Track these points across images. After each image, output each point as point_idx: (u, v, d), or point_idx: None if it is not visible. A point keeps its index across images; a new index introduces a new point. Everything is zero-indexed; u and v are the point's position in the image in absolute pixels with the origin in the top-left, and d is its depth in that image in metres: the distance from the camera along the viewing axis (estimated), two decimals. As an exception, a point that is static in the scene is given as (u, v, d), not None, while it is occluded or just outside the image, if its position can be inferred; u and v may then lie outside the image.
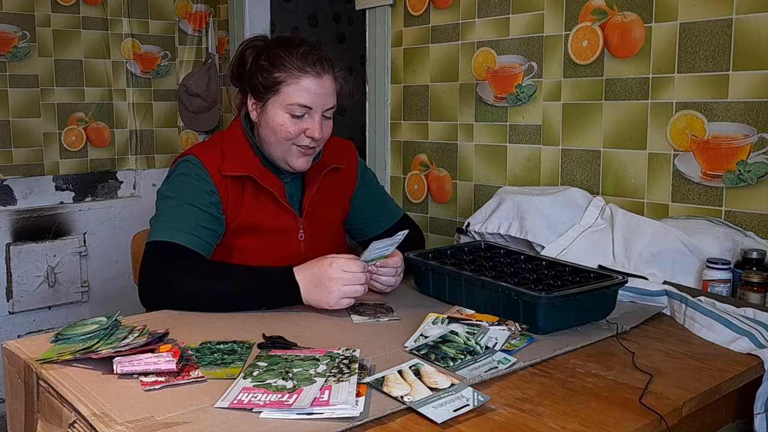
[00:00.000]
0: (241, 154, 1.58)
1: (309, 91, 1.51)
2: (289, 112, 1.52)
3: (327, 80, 1.54)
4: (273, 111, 1.53)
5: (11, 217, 3.01)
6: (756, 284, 1.43)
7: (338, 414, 0.93)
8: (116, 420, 0.92)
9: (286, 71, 1.51)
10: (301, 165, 1.57)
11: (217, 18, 3.53)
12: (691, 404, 1.03)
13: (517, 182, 2.12)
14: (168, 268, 1.43)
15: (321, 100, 1.53)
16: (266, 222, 1.58)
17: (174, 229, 1.47)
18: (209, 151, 1.58)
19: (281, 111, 1.52)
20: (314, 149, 1.57)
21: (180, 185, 1.54)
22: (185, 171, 1.55)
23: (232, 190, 1.55)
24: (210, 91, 3.47)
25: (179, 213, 1.49)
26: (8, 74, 3.03)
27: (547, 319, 1.26)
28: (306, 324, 1.33)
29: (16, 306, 3.01)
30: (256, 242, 1.57)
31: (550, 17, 2.00)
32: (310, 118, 1.53)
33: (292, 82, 1.51)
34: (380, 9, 2.49)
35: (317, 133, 1.52)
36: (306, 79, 1.51)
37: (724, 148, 1.66)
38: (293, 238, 1.61)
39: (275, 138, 1.54)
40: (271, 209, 1.59)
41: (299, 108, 1.51)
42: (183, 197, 1.51)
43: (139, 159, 3.45)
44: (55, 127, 3.19)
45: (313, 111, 1.53)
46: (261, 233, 1.57)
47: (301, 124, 1.53)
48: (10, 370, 1.21)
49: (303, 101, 1.51)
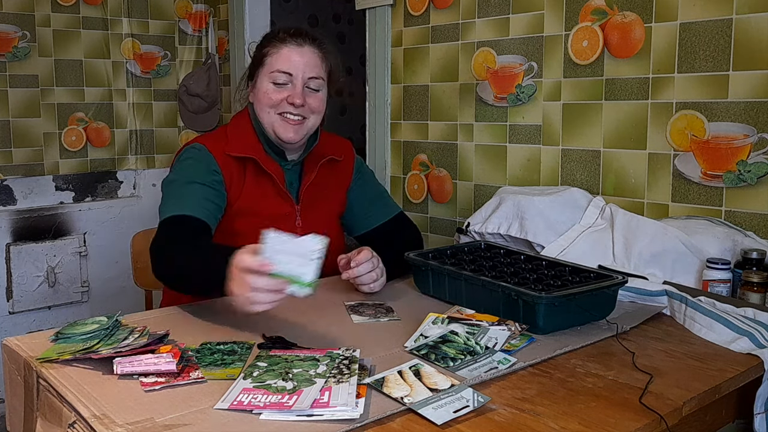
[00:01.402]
0: (244, 138, 1.64)
1: (289, 59, 1.60)
2: (273, 80, 1.60)
3: (308, 51, 1.62)
4: (260, 83, 1.63)
5: (11, 217, 3.01)
6: (756, 284, 1.43)
7: (338, 416, 0.93)
8: (116, 422, 0.92)
9: (269, 44, 1.63)
10: (291, 135, 1.61)
11: (217, 18, 3.53)
12: (691, 404, 1.03)
13: (517, 182, 2.12)
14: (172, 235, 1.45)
15: (302, 68, 1.60)
16: (265, 207, 1.61)
17: (181, 205, 1.50)
18: (213, 139, 1.65)
19: (266, 81, 1.61)
20: (303, 120, 1.61)
21: (184, 168, 1.59)
22: (189, 156, 1.61)
23: (235, 171, 1.60)
24: (210, 91, 3.47)
25: (185, 191, 1.54)
26: (8, 74, 3.03)
27: (547, 319, 1.26)
28: (306, 324, 1.33)
29: (16, 306, 3.01)
30: (254, 227, 1.57)
31: (550, 17, 2.00)
32: (292, 86, 1.60)
33: (274, 51, 1.61)
34: (380, 9, 2.49)
35: (297, 98, 1.58)
36: (285, 47, 1.61)
37: (724, 148, 1.66)
38: (291, 224, 1.64)
39: (261, 108, 1.62)
40: (271, 194, 1.62)
41: (280, 75, 1.59)
42: (186, 177, 1.56)
43: (139, 159, 3.45)
44: (55, 127, 3.19)
45: (294, 78, 1.60)
46: (259, 218, 1.59)
47: (283, 92, 1.60)
48: (9, 367, 1.21)
49: (284, 68, 1.59)
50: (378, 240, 1.70)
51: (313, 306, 1.45)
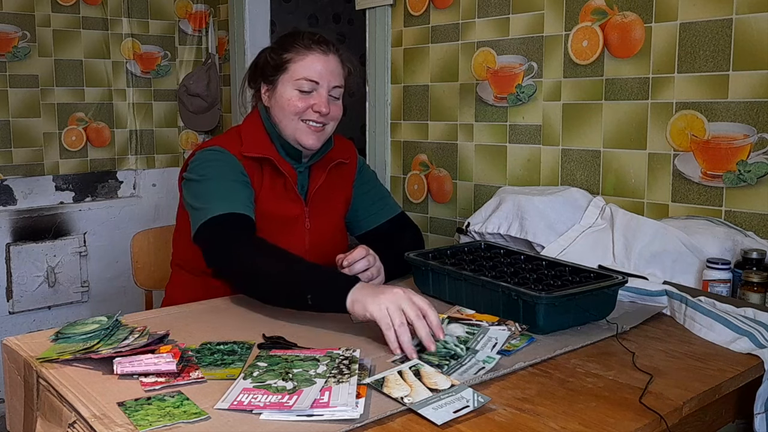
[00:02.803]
0: (259, 139, 1.63)
1: (315, 67, 1.58)
2: (298, 87, 1.59)
3: (333, 59, 1.61)
4: (282, 89, 1.60)
5: (11, 217, 3.01)
6: (756, 284, 1.43)
7: (338, 416, 0.93)
8: (116, 422, 0.92)
9: (293, 50, 1.60)
10: (312, 143, 1.60)
11: (217, 18, 3.53)
12: (691, 404, 1.03)
13: (517, 182, 2.12)
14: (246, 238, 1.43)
15: (327, 76, 1.59)
16: (278, 208, 1.61)
17: (230, 201, 1.49)
18: (228, 142, 1.62)
19: (290, 87, 1.59)
20: (323, 127, 1.61)
21: (216, 168, 1.56)
22: (214, 157, 1.58)
23: (255, 173, 1.59)
24: (210, 91, 3.47)
25: (228, 188, 1.52)
26: (8, 74, 3.03)
27: (547, 319, 1.26)
28: (306, 324, 1.33)
29: (16, 306, 3.01)
30: (266, 228, 1.58)
31: (550, 17, 2.00)
32: (317, 94, 1.59)
33: (299, 59, 1.59)
34: (380, 9, 2.49)
35: (324, 107, 1.58)
36: (312, 55, 1.59)
37: (724, 148, 1.66)
38: (300, 227, 1.64)
39: (284, 115, 1.60)
40: (283, 196, 1.62)
41: (307, 83, 1.58)
42: (221, 176, 1.54)
43: (139, 159, 3.45)
44: (55, 127, 3.19)
45: (319, 86, 1.59)
46: (272, 219, 1.59)
47: (308, 99, 1.59)
48: (9, 366, 1.21)
49: (310, 75, 1.58)
50: (378, 240, 1.70)
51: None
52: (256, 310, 1.42)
